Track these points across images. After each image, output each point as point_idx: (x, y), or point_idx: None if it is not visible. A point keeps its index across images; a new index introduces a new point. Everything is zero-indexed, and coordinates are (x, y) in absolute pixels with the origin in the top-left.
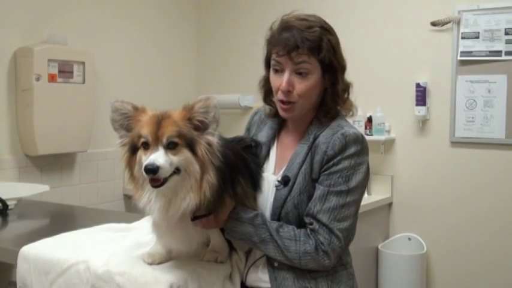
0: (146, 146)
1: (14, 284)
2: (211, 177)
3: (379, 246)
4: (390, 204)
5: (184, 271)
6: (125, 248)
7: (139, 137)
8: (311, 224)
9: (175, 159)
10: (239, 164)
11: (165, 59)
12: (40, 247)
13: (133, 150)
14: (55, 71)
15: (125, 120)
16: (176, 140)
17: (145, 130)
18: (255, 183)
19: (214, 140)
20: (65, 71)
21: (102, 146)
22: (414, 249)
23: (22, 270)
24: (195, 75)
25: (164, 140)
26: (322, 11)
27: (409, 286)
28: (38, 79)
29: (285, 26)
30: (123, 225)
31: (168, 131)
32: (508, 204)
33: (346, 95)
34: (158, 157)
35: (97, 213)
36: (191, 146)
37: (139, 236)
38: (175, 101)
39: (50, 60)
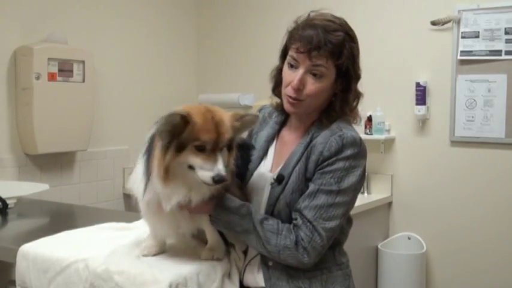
0: (201, 148)
1: (14, 282)
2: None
3: (379, 246)
4: (390, 204)
5: (183, 270)
6: (124, 247)
7: (196, 140)
8: (295, 219)
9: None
10: None
11: (165, 58)
12: (39, 246)
13: (178, 149)
14: (55, 69)
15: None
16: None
17: (205, 136)
18: (240, 176)
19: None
20: (64, 69)
21: (102, 144)
22: (414, 248)
23: (21, 269)
24: (195, 74)
25: (221, 146)
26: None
27: (409, 285)
28: (37, 78)
29: (311, 23)
30: (122, 224)
31: (225, 138)
32: (508, 203)
33: (355, 104)
34: (222, 167)
35: (96, 212)
36: (230, 147)
37: (139, 235)
38: (176, 99)
39: (49, 59)
